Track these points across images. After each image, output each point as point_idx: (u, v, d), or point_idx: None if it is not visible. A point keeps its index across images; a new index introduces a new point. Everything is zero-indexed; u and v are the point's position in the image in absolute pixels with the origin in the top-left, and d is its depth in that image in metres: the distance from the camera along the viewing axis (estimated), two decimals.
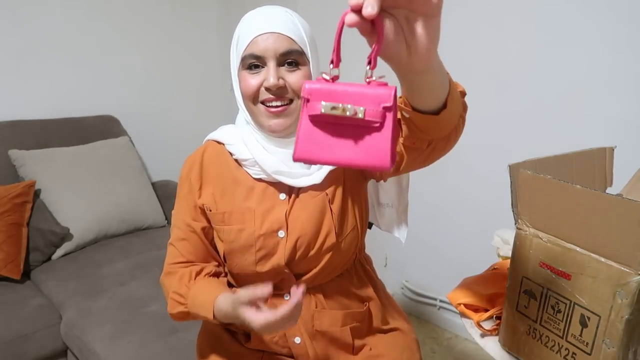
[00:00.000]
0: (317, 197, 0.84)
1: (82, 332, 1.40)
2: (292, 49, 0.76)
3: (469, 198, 1.83)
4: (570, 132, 1.49)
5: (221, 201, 0.86)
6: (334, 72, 0.46)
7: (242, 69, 0.79)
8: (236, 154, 0.85)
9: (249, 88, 0.78)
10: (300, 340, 0.87)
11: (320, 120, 0.46)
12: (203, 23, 2.62)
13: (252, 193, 0.85)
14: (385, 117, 0.44)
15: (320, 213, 0.83)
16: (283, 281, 0.87)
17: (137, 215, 2.00)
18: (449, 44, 1.77)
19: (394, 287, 2.18)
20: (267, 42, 0.75)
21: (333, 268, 0.87)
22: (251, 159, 0.83)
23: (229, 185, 0.86)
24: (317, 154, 0.46)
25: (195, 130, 2.60)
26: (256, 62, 0.77)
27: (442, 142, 0.67)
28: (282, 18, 0.77)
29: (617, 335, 0.62)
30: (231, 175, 0.87)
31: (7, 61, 1.97)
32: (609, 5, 1.37)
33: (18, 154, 1.84)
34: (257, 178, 0.85)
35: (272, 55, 0.76)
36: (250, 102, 0.79)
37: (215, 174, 0.88)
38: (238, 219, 0.84)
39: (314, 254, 0.84)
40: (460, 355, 1.88)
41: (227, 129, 0.91)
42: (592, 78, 1.44)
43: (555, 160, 0.84)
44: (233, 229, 0.84)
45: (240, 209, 0.84)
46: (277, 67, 0.77)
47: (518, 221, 0.75)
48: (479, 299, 0.88)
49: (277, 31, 0.76)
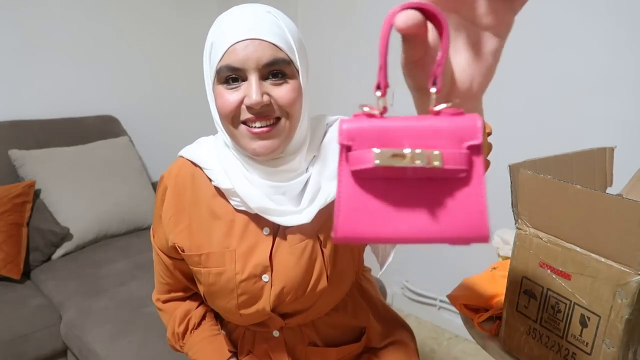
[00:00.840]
0: (307, 240, 0.74)
1: (82, 332, 1.40)
2: (277, 58, 0.63)
3: None
4: (570, 132, 1.49)
5: (197, 237, 0.75)
6: (381, 102, 0.31)
7: (217, 83, 0.66)
8: (215, 181, 0.73)
9: (226, 107, 0.64)
10: None
11: (371, 177, 0.31)
12: (203, 23, 2.61)
13: (233, 229, 0.74)
14: (472, 162, 0.30)
15: (310, 259, 0.74)
16: (270, 319, 0.79)
17: (137, 215, 2.00)
18: None
19: (394, 287, 2.18)
20: (247, 50, 0.62)
21: (326, 305, 0.81)
22: (232, 189, 0.71)
23: (206, 218, 0.75)
24: (372, 228, 0.31)
25: (195, 130, 2.60)
26: (234, 74, 0.63)
27: None
28: (264, 20, 0.64)
29: (617, 335, 0.62)
30: (208, 206, 0.75)
31: (7, 61, 1.97)
32: (608, 6, 1.37)
33: (18, 154, 1.84)
34: (240, 210, 0.73)
35: (254, 66, 0.62)
36: (229, 124, 0.66)
37: (189, 202, 0.76)
38: (217, 260, 0.74)
39: (303, 298, 0.76)
40: (460, 355, 1.88)
41: (206, 146, 0.78)
42: (592, 78, 1.44)
43: (555, 160, 0.84)
44: (212, 271, 0.74)
45: (219, 249, 0.74)
46: (260, 80, 0.64)
47: (518, 221, 0.75)
48: (479, 299, 0.88)
49: (258, 37, 0.62)
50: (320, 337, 0.83)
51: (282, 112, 0.66)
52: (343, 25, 2.05)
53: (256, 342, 0.84)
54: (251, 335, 0.85)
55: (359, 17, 1.99)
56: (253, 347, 0.85)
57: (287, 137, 0.68)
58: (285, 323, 0.80)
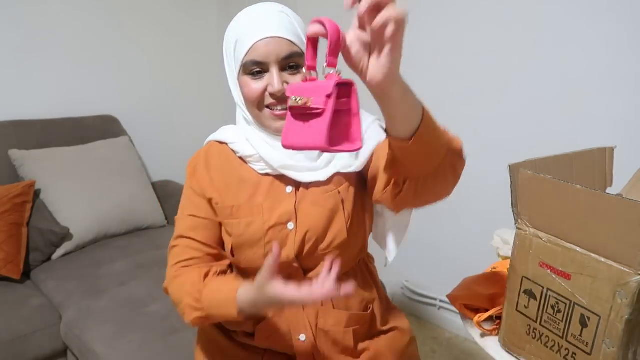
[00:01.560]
0: (330, 194, 0.84)
1: (82, 332, 1.40)
2: (293, 52, 0.77)
3: (469, 198, 1.83)
4: (570, 132, 1.49)
5: (227, 196, 0.87)
6: (308, 74, 0.56)
7: (242, 74, 0.79)
8: (240, 151, 0.86)
9: (252, 94, 0.79)
10: (305, 338, 0.87)
11: (295, 113, 0.56)
12: (203, 22, 2.62)
13: (259, 189, 0.86)
14: (327, 104, 0.52)
15: (332, 211, 0.84)
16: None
17: (137, 215, 2.00)
18: (449, 44, 1.78)
19: (394, 287, 2.18)
20: (269, 47, 0.75)
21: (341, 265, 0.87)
22: (256, 155, 0.84)
23: (234, 182, 0.87)
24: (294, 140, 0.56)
25: (195, 130, 2.60)
26: (258, 68, 0.77)
27: (425, 183, 0.69)
28: (280, 20, 0.77)
29: (617, 335, 0.62)
30: (236, 172, 0.88)
31: (7, 61, 1.97)
32: (609, 5, 1.37)
33: (18, 154, 1.84)
34: (263, 173, 0.86)
35: (274, 60, 0.76)
36: (255, 108, 0.80)
37: (219, 171, 0.89)
38: (246, 212, 0.85)
39: (322, 248, 0.84)
40: (460, 355, 1.88)
41: (228, 129, 0.92)
42: (592, 78, 1.44)
43: (555, 160, 0.84)
44: (242, 222, 0.84)
45: (247, 204, 0.85)
46: (280, 71, 0.77)
47: (518, 221, 0.75)
48: (479, 299, 0.88)
49: (277, 35, 0.75)
50: (333, 302, 0.89)
51: None
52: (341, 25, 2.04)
53: None
54: None
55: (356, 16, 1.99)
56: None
57: None
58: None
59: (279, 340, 0.88)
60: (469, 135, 1.99)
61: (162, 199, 2.15)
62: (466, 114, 1.76)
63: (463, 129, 2.01)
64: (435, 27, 1.78)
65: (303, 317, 0.87)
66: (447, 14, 1.75)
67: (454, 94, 1.78)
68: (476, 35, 1.68)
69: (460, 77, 1.76)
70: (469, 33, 1.70)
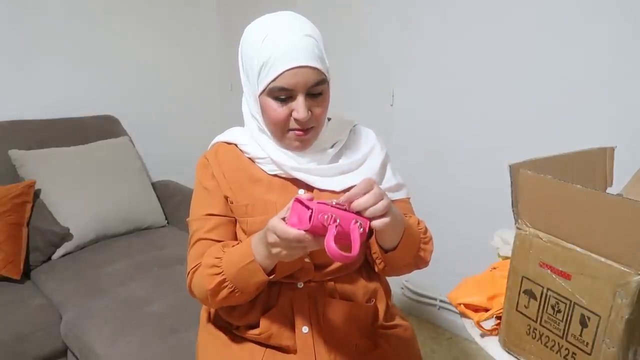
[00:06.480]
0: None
1: (82, 332, 1.40)
2: (319, 80, 0.79)
3: (469, 198, 1.83)
4: (570, 132, 1.49)
5: (241, 195, 0.88)
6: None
7: (266, 95, 0.80)
8: (251, 152, 0.89)
9: (278, 118, 0.80)
10: (307, 330, 0.88)
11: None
12: (203, 23, 2.62)
13: (272, 188, 0.88)
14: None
15: None
16: (301, 270, 0.88)
17: (137, 215, 2.00)
18: (449, 44, 1.78)
19: (394, 287, 2.17)
20: (297, 77, 0.76)
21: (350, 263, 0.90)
22: (267, 157, 0.87)
23: (246, 181, 0.89)
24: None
25: (195, 130, 2.61)
26: (284, 95, 0.78)
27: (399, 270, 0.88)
28: (308, 45, 0.77)
29: (617, 335, 0.62)
30: (247, 171, 0.89)
31: (7, 61, 1.98)
32: (609, 5, 1.37)
33: (18, 154, 1.84)
34: (273, 174, 0.88)
35: (302, 89, 0.78)
36: (279, 130, 0.83)
37: (231, 171, 0.90)
38: (261, 209, 0.86)
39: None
40: (460, 355, 1.88)
41: (236, 130, 0.93)
42: (593, 78, 1.44)
43: (555, 160, 0.84)
44: (257, 220, 0.86)
45: (261, 202, 0.87)
46: (305, 98, 0.79)
47: (518, 221, 0.75)
48: (479, 299, 0.88)
49: (306, 64, 0.76)
50: (338, 292, 0.91)
51: (316, 122, 0.84)
52: (341, 25, 2.05)
53: (281, 293, 0.90)
54: (277, 289, 0.90)
55: (357, 17, 1.99)
56: (277, 301, 0.90)
57: (315, 136, 0.87)
58: (314, 275, 0.89)
59: (282, 332, 0.88)
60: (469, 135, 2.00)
61: (162, 199, 2.16)
62: (466, 113, 1.76)
63: (463, 129, 2.01)
64: (436, 27, 1.78)
65: (307, 307, 0.88)
66: (447, 14, 1.75)
67: (454, 94, 1.78)
68: (476, 35, 1.68)
69: (460, 77, 1.76)
70: (469, 33, 1.70)
